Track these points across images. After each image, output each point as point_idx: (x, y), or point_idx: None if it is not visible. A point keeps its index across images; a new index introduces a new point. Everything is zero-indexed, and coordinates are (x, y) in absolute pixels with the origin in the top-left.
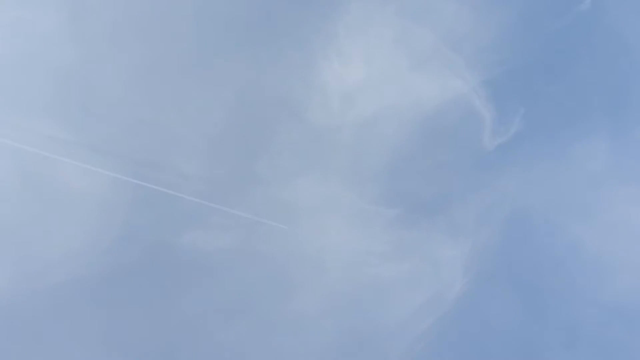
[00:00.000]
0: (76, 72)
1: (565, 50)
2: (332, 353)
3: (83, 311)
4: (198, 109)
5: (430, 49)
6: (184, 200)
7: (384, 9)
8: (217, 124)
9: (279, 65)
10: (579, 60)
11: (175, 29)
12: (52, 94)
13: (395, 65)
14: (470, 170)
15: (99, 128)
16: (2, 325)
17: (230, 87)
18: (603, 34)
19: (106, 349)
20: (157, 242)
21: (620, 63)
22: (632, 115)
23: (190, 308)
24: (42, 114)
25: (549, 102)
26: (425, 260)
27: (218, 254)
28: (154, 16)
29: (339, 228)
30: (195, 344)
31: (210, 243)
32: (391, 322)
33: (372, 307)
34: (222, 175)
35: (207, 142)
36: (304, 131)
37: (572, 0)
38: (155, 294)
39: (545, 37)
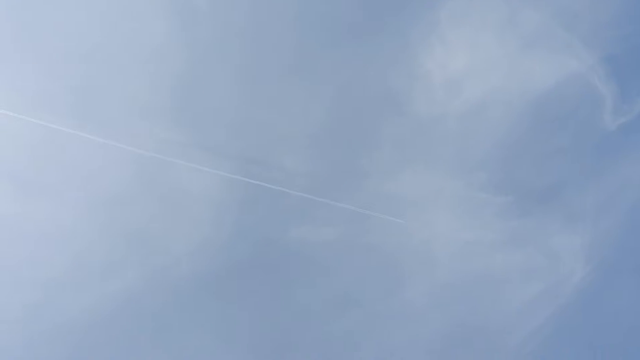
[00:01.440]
0: (186, 77)
1: None
2: (443, 346)
3: (203, 303)
4: (301, 107)
5: (541, 29)
6: (291, 195)
7: None
8: (321, 121)
9: (380, 57)
10: None
11: (275, 30)
12: (165, 99)
13: (503, 49)
14: (590, 153)
15: (209, 129)
16: (134, 316)
17: (331, 84)
18: None
19: (224, 340)
20: (267, 238)
21: None
22: None
23: (301, 300)
24: (157, 118)
25: None
26: (540, 250)
27: (326, 248)
28: (255, 19)
29: (447, 218)
30: (306, 336)
31: (318, 237)
32: (504, 315)
33: (483, 300)
34: (327, 170)
35: (311, 138)
36: (409, 122)
37: None
38: (268, 287)
39: None
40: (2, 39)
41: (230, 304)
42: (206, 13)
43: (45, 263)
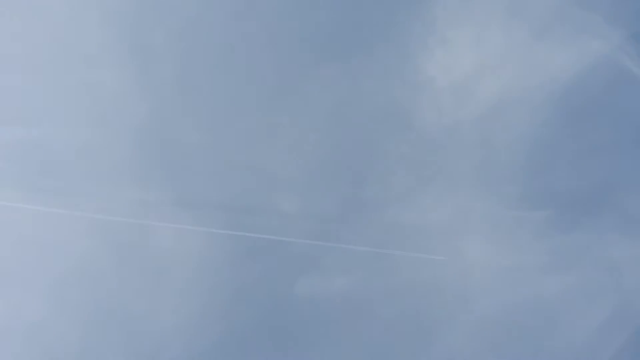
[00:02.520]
0: (150, 128)
1: None
2: None
3: None
4: (292, 138)
5: (553, 10)
6: (294, 244)
7: None
8: (317, 151)
9: (375, 70)
10: None
11: (251, 53)
12: (130, 156)
13: (514, 40)
14: (634, 144)
15: (186, 181)
16: None
17: (323, 106)
18: None
19: None
20: (271, 299)
21: None
22: None
23: None
24: (124, 178)
25: None
26: (599, 266)
27: (341, 299)
28: (228, 40)
29: (479, 244)
30: None
31: (330, 288)
32: (570, 350)
33: (542, 335)
34: (330, 208)
35: (308, 173)
36: (419, 138)
37: None
38: (283, 355)
39: None
40: None
41: None
42: (166, 48)
43: None
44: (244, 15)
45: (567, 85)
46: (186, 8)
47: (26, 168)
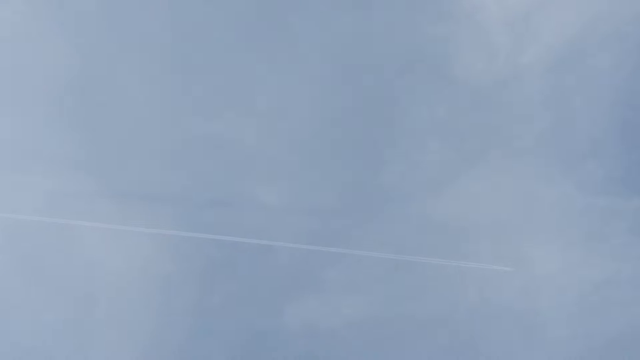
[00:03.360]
0: None
1: None
2: None
3: None
4: (281, 105)
5: None
6: (284, 249)
7: None
8: (314, 122)
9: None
10: None
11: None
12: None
13: None
14: None
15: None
16: None
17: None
18: None
19: None
20: (259, 324)
21: None
22: None
23: None
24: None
25: None
26: None
27: (350, 328)
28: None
29: (560, 248)
30: None
31: (339, 313)
32: None
33: None
34: (333, 204)
35: (302, 154)
36: (456, 97)
37: None
38: None
39: None
40: None
41: None
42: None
43: None
44: None
45: None
46: None
47: None
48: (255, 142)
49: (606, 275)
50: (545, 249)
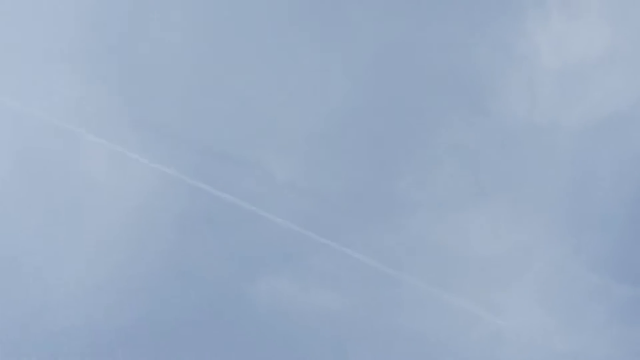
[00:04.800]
0: None
1: None
2: None
3: None
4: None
5: None
6: (274, 224)
7: None
8: (346, 114)
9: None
10: None
11: None
12: None
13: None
14: None
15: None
16: None
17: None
18: None
19: None
20: (229, 289)
21: None
22: None
23: None
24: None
25: None
26: None
27: (320, 320)
28: None
29: (545, 321)
30: None
31: (310, 299)
32: None
33: None
34: (342, 191)
35: (326, 140)
36: (484, 130)
37: None
38: None
39: None
40: None
41: None
42: None
43: None
44: None
45: None
46: None
47: None
48: (284, 114)
49: (574, 349)
50: (521, 304)
